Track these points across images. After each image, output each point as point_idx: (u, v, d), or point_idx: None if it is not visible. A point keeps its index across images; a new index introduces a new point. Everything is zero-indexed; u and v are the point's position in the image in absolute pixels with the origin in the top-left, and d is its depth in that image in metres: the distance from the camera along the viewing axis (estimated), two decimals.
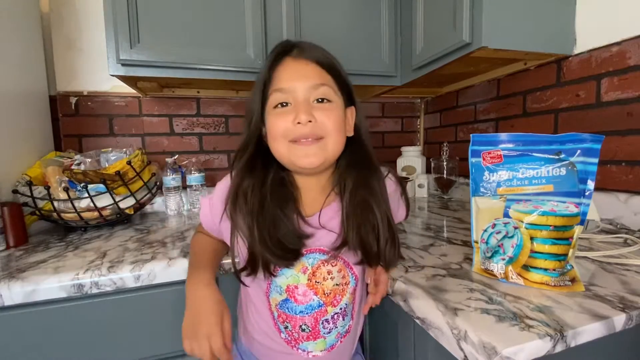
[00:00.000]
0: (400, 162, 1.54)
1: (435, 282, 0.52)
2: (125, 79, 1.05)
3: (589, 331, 0.38)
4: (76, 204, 0.91)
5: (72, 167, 0.96)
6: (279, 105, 0.51)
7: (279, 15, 1.06)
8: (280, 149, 0.52)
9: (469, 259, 0.62)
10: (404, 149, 1.55)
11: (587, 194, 0.47)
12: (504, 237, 0.51)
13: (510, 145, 0.51)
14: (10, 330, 0.60)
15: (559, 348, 0.37)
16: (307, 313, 0.55)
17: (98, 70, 1.21)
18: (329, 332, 0.56)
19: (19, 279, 0.59)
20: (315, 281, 0.54)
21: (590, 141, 0.47)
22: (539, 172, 0.49)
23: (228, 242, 0.55)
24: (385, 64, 1.20)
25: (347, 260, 0.56)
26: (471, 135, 0.53)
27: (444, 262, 0.61)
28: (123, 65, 0.95)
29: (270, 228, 0.51)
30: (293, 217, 0.53)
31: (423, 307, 0.47)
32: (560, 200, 0.48)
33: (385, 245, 0.53)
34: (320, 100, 0.51)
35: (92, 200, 0.91)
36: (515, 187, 0.51)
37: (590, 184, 0.47)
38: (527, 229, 0.49)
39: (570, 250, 0.48)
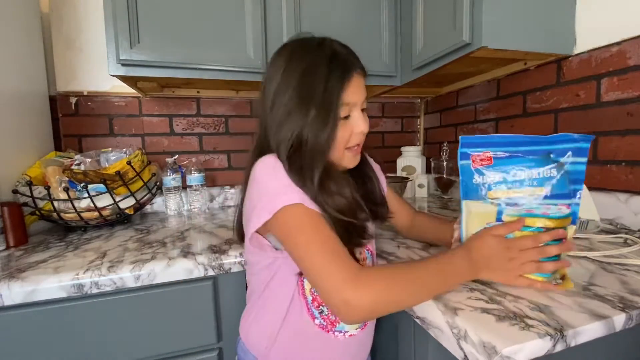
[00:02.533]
0: (400, 162, 1.54)
1: None
2: (125, 79, 1.05)
3: (589, 331, 0.38)
4: (76, 204, 0.91)
5: (72, 167, 0.96)
6: (342, 118, 0.54)
7: (279, 15, 1.06)
8: (336, 156, 0.56)
9: None
10: (404, 149, 1.55)
11: (577, 194, 0.47)
12: None
13: (499, 147, 0.49)
14: (10, 330, 0.60)
15: (559, 347, 0.37)
16: None
17: (98, 70, 1.21)
18: None
19: (19, 279, 0.59)
20: None
21: (580, 141, 0.46)
22: (530, 174, 0.48)
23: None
24: (385, 64, 1.20)
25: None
26: (460, 137, 0.51)
27: None
28: (123, 65, 0.95)
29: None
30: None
31: (423, 306, 0.47)
32: (552, 202, 0.48)
33: (382, 203, 0.63)
34: (363, 110, 0.56)
35: (92, 200, 0.91)
36: (506, 190, 0.49)
37: (581, 184, 0.47)
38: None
39: None
